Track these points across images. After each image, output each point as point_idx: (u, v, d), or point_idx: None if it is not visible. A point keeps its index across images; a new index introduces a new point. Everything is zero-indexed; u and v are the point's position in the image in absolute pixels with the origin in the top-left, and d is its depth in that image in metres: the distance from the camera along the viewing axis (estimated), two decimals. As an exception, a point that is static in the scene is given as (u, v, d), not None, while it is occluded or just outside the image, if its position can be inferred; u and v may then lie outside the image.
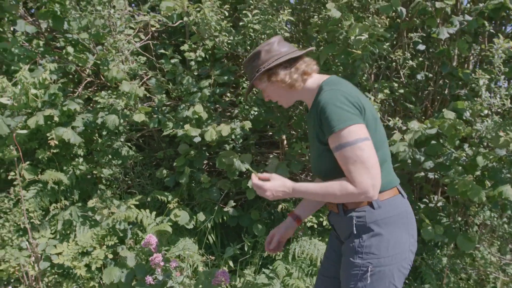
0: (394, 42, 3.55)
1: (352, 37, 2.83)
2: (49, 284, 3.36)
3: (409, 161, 3.30)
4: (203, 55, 3.58)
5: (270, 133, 4.21)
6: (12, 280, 3.40)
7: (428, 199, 3.77)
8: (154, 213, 3.41)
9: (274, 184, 1.81)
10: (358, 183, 1.67)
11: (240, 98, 3.52)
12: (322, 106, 1.74)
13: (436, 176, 3.49)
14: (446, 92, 3.55)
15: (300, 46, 3.56)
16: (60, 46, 3.78)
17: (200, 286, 2.99)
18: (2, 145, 3.35)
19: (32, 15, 3.78)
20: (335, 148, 1.72)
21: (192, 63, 3.59)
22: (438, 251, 3.71)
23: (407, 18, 3.20)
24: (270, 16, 3.03)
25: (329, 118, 1.71)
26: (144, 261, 3.30)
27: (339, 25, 2.93)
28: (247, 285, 3.36)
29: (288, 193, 1.82)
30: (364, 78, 3.27)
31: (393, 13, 3.02)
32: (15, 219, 3.36)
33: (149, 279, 2.83)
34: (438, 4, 2.89)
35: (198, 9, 3.00)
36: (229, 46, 3.22)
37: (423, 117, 3.60)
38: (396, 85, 3.43)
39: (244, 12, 3.12)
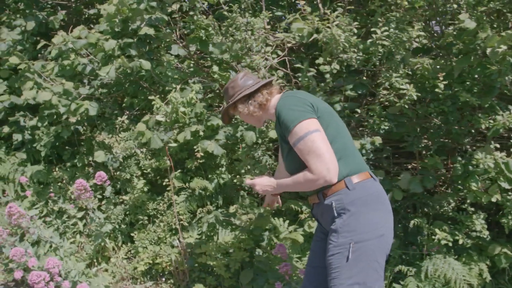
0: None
1: (489, 49, 2.65)
2: (195, 279, 3.78)
3: None
4: (338, 67, 3.64)
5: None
6: (166, 273, 3.91)
7: None
8: (287, 221, 3.60)
9: (262, 181, 2.23)
10: (313, 170, 1.93)
11: (370, 113, 3.49)
12: (278, 113, 2.07)
13: None
14: None
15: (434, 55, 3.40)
16: (207, 65, 4.21)
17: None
18: (158, 156, 3.88)
19: (183, 40, 4.27)
20: (293, 144, 2.00)
21: (327, 75, 3.66)
22: None
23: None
24: (399, 32, 2.98)
25: (284, 120, 2.01)
26: (277, 266, 3.52)
27: (474, 36, 2.77)
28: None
29: (274, 187, 2.18)
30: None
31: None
32: (168, 220, 3.86)
33: (279, 285, 3.03)
34: None
35: (327, 27, 3.09)
36: (358, 62, 3.25)
37: None
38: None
39: (372, 29, 3.12)
